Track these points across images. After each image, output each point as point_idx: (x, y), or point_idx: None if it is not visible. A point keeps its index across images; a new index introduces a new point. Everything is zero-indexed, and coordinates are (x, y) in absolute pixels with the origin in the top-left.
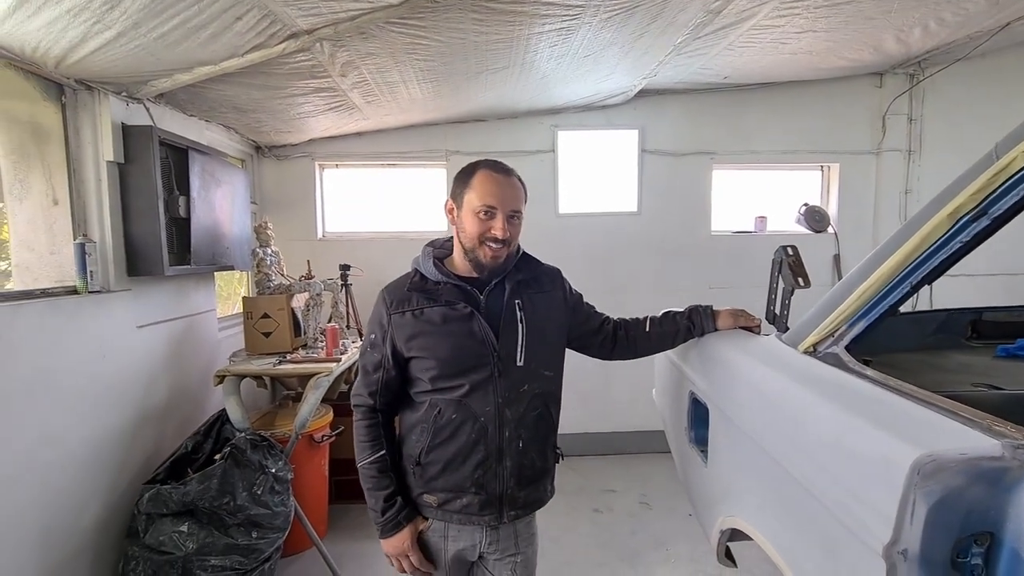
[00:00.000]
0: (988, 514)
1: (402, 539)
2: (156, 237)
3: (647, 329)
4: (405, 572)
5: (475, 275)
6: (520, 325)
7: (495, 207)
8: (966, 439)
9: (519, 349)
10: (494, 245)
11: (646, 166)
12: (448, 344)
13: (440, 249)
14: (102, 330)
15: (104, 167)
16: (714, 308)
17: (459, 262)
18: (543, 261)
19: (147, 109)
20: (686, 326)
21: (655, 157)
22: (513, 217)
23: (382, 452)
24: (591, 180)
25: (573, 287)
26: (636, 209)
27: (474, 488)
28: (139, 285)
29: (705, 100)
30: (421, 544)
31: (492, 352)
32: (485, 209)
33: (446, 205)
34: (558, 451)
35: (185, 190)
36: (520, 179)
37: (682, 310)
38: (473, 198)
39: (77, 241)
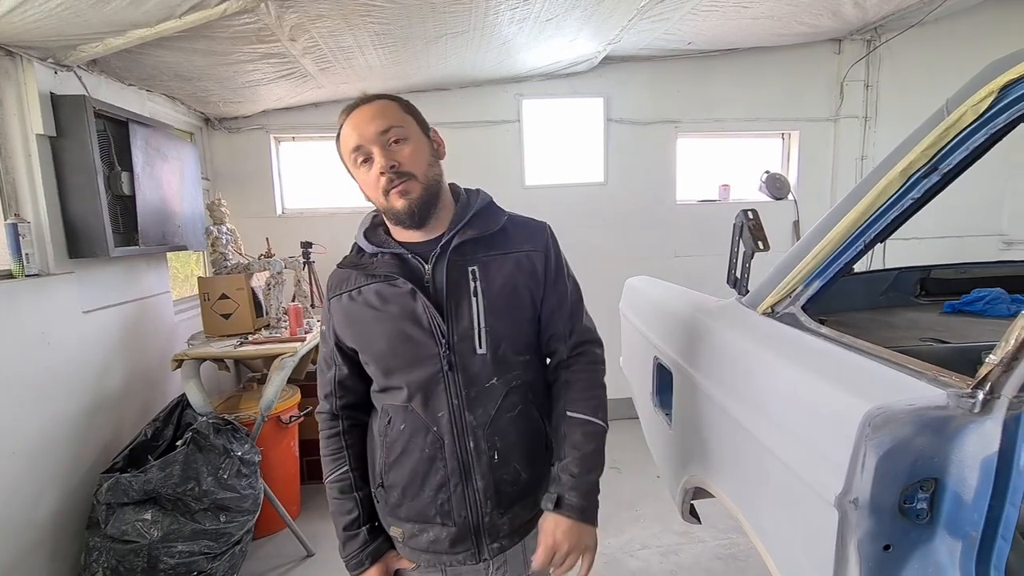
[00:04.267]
0: (933, 461)
1: None
2: (97, 216)
3: (564, 410)
4: None
5: (418, 239)
6: (475, 299)
7: (360, 145)
8: (914, 390)
9: (477, 331)
10: (393, 185)
11: (612, 136)
12: (383, 332)
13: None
14: (44, 316)
15: (33, 141)
16: (560, 502)
17: (398, 229)
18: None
19: (79, 77)
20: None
21: (621, 126)
22: (391, 142)
23: (344, 468)
24: (557, 151)
25: (565, 261)
26: (603, 179)
27: (439, 518)
28: (82, 268)
29: (669, 67)
30: None
31: (439, 339)
32: (356, 155)
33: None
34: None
35: (128, 165)
36: (395, 97)
37: (570, 473)
38: (345, 153)
39: (8, 222)
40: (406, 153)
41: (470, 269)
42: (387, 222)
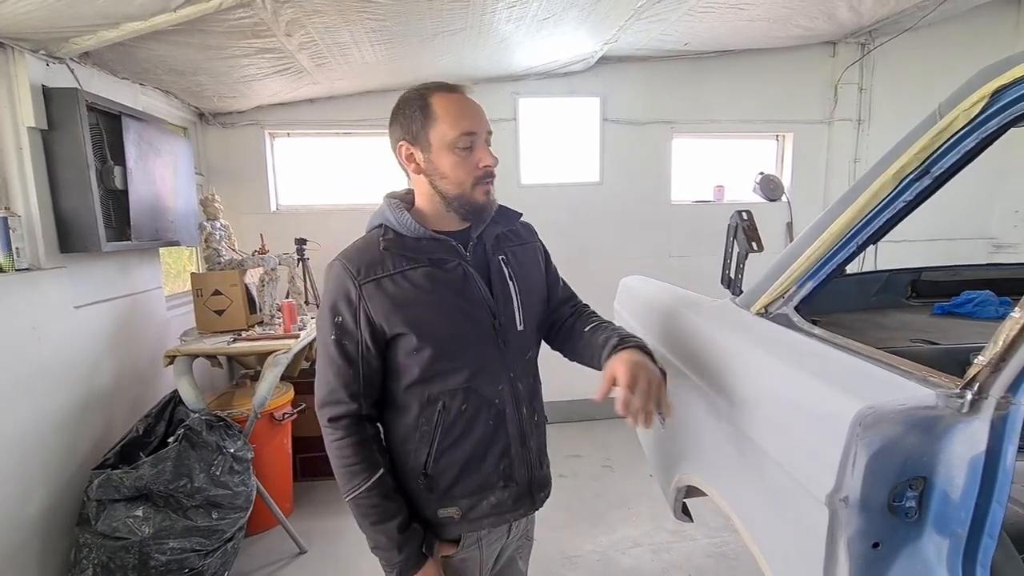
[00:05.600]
0: (922, 460)
1: (431, 573)
2: (89, 210)
3: (584, 329)
4: None
5: (451, 229)
6: (511, 283)
7: (474, 131)
8: (904, 390)
9: (516, 311)
10: (487, 180)
11: (608, 135)
12: (442, 313)
13: (404, 201)
14: (34, 310)
15: (24, 133)
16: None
17: (433, 215)
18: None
19: (71, 70)
20: (603, 344)
21: (617, 126)
22: (489, 141)
23: (381, 471)
24: (553, 150)
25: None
26: (598, 179)
27: (502, 482)
28: (74, 262)
29: (665, 68)
30: (456, 570)
31: (493, 318)
32: (465, 140)
33: (400, 151)
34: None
35: (120, 160)
36: None
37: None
38: (445, 131)
39: None
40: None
41: (500, 257)
42: (441, 207)
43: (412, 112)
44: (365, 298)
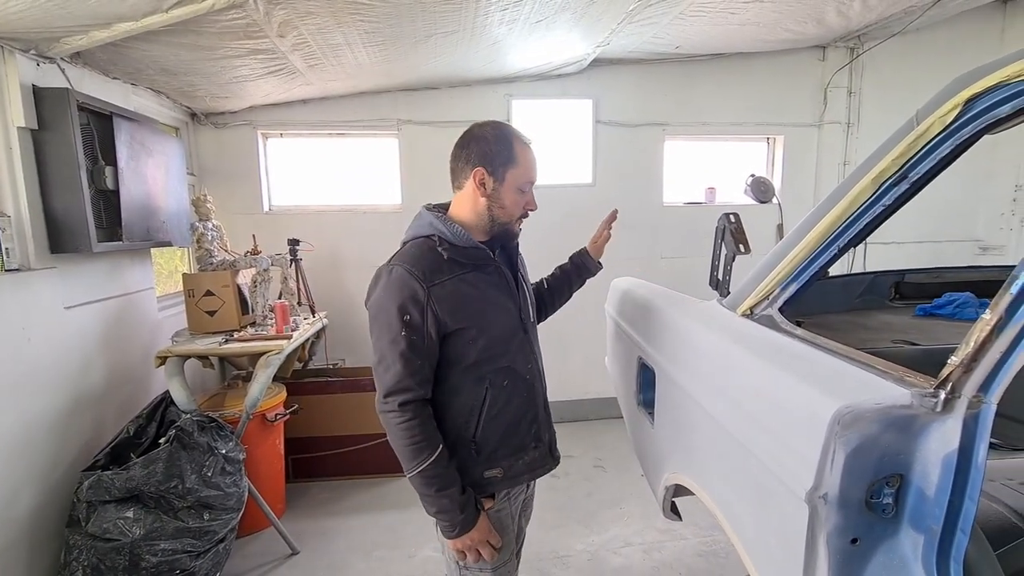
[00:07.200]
0: (898, 458)
1: (484, 525)
2: (80, 211)
3: (546, 287)
4: (480, 560)
5: (482, 240)
6: (525, 285)
7: (533, 181)
8: (881, 390)
9: (531, 307)
10: (524, 218)
11: (600, 137)
12: (491, 308)
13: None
14: (25, 311)
15: (14, 134)
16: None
17: (475, 229)
18: None
19: (62, 70)
20: (574, 270)
21: (609, 128)
22: None
23: (441, 446)
24: (546, 152)
25: None
26: (591, 180)
27: (534, 443)
28: (65, 263)
29: (657, 71)
30: (495, 520)
31: (519, 311)
32: (527, 185)
33: (476, 175)
34: None
35: (112, 160)
36: None
37: (565, 262)
38: (520, 174)
39: None
40: None
41: (515, 265)
42: (485, 225)
43: (499, 149)
44: (433, 299)
